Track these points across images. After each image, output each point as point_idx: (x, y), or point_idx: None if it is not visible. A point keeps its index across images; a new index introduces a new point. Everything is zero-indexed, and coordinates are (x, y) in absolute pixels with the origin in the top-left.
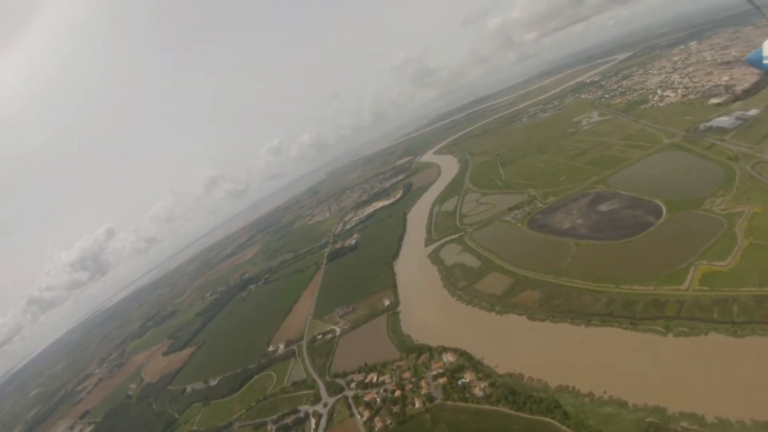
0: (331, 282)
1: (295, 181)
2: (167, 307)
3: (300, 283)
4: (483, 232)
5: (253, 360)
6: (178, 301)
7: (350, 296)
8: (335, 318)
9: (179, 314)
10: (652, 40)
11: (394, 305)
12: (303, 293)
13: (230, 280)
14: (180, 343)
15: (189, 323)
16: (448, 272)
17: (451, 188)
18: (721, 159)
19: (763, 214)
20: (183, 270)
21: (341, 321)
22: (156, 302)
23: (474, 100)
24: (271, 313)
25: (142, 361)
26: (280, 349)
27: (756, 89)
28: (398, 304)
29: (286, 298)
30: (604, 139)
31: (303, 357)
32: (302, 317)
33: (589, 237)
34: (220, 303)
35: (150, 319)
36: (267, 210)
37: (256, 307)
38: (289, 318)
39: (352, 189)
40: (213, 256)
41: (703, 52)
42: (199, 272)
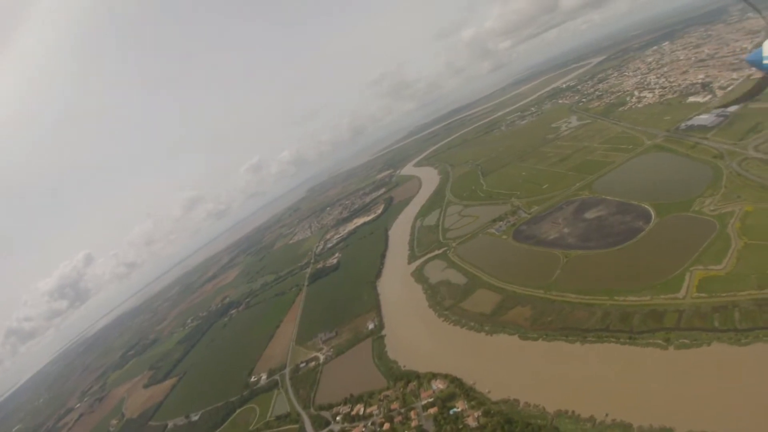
0: (313, 305)
1: (276, 199)
2: (148, 335)
3: (281, 307)
4: (467, 247)
5: (235, 392)
6: (159, 328)
7: (333, 320)
8: (318, 344)
9: (160, 343)
10: (625, 42)
11: (378, 328)
12: (285, 318)
13: (211, 305)
14: (161, 374)
15: (170, 352)
16: (433, 291)
17: (433, 201)
18: (705, 158)
19: (755, 213)
20: (164, 295)
21: (324, 347)
22: (137, 330)
23: (452, 111)
24: (253, 340)
25: (123, 394)
26: (263, 380)
27: (759, 89)
28: (383, 327)
29: (268, 323)
30: (585, 143)
31: (286, 387)
32: (284, 344)
33: (578, 247)
34: (201, 330)
35: (131, 348)
36: (249, 230)
37: (238, 334)
38: (271, 345)
39: (333, 206)
40: (194, 279)
41: (676, 52)
42: (180, 297)
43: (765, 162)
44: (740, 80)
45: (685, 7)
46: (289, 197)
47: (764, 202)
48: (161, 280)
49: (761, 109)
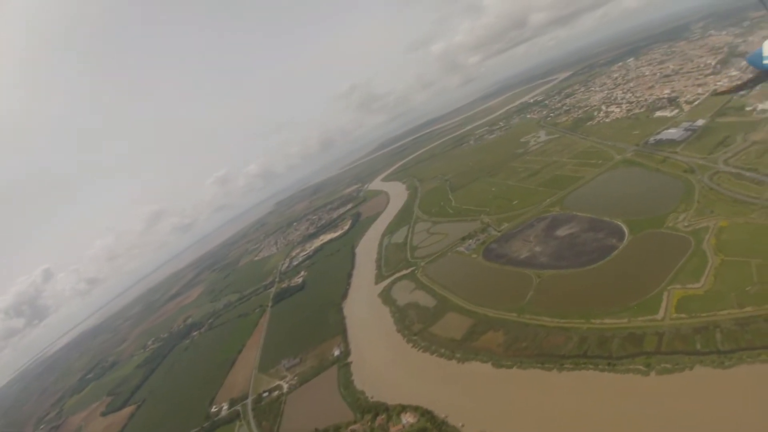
0: (276, 328)
1: (244, 212)
2: (108, 357)
3: (245, 330)
4: (436, 266)
5: (195, 422)
6: (120, 349)
7: (297, 345)
8: (282, 371)
9: (120, 366)
10: (591, 58)
11: (344, 355)
12: (248, 341)
13: (173, 326)
14: (119, 401)
15: (129, 377)
16: (402, 314)
17: (401, 217)
18: (676, 172)
19: (729, 228)
20: (126, 313)
21: (288, 375)
22: (98, 350)
23: (421, 124)
24: (214, 366)
25: (80, 422)
26: (224, 410)
27: (756, 82)
28: (349, 354)
29: (230, 347)
30: (554, 158)
31: (249, 419)
32: (247, 370)
33: (551, 266)
34: (161, 353)
35: (90, 371)
36: (214, 244)
37: (199, 359)
38: (233, 371)
39: (300, 221)
40: (157, 297)
41: (641, 68)
42: (142, 316)
43: (736, 176)
44: (706, 95)
45: (648, 24)
46: (256, 211)
47: (738, 217)
48: (124, 297)
49: (728, 122)
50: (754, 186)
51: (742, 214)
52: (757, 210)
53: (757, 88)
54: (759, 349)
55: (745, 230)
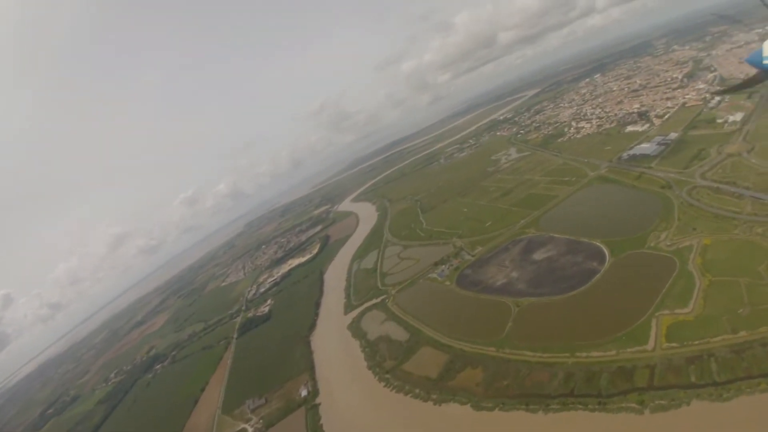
0: (241, 363)
1: (212, 233)
2: (69, 390)
3: (208, 364)
4: (408, 294)
5: None
6: (81, 382)
7: (263, 383)
8: (246, 412)
9: (81, 401)
10: (558, 75)
11: (312, 395)
12: (211, 378)
13: (136, 357)
14: None
15: (90, 414)
16: (372, 349)
17: (370, 241)
18: (653, 188)
19: (714, 246)
20: (90, 341)
21: (253, 417)
22: (60, 382)
23: (391, 143)
24: (176, 405)
25: None
26: None
27: (756, 81)
28: (317, 394)
29: (193, 383)
30: (527, 176)
31: None
32: (210, 411)
33: (529, 293)
34: (123, 388)
35: (51, 405)
36: (182, 267)
37: (161, 397)
38: (196, 412)
39: (269, 244)
40: (121, 324)
41: (609, 83)
42: (105, 345)
43: (714, 190)
44: (676, 108)
45: (612, 42)
46: (225, 232)
47: (721, 233)
48: (89, 323)
49: (701, 135)
50: (734, 200)
51: (725, 230)
52: (740, 225)
53: None
54: (758, 378)
55: (730, 248)
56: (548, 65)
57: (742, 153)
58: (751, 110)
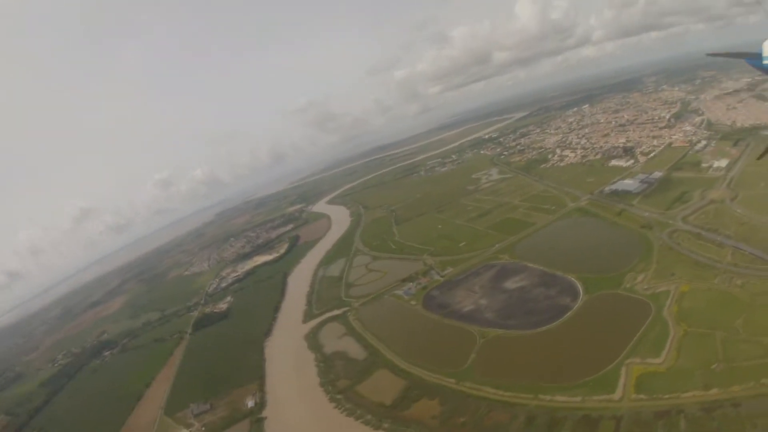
0: (191, 362)
1: (184, 218)
2: (15, 366)
3: (158, 358)
4: (371, 310)
5: None
6: (29, 359)
7: (210, 387)
8: (189, 417)
9: (25, 380)
10: (547, 101)
11: (259, 407)
12: (159, 374)
13: (87, 340)
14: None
15: (32, 396)
16: (327, 364)
17: (340, 247)
18: (633, 227)
19: (691, 294)
20: (43, 316)
21: (196, 423)
22: (6, 356)
23: (374, 148)
24: (120, 399)
25: None
26: None
27: None
28: (264, 406)
29: (140, 377)
30: (506, 199)
31: None
32: (153, 411)
33: (497, 324)
34: (69, 372)
35: None
36: (148, 249)
37: (106, 387)
38: (139, 409)
39: (237, 237)
40: (78, 302)
41: (596, 115)
42: (58, 323)
43: (695, 236)
44: (661, 147)
45: (603, 74)
46: (197, 218)
47: (700, 281)
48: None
49: (685, 177)
50: (715, 248)
51: (704, 278)
52: (720, 275)
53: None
54: None
55: (708, 298)
56: (538, 90)
57: (725, 200)
58: (737, 157)
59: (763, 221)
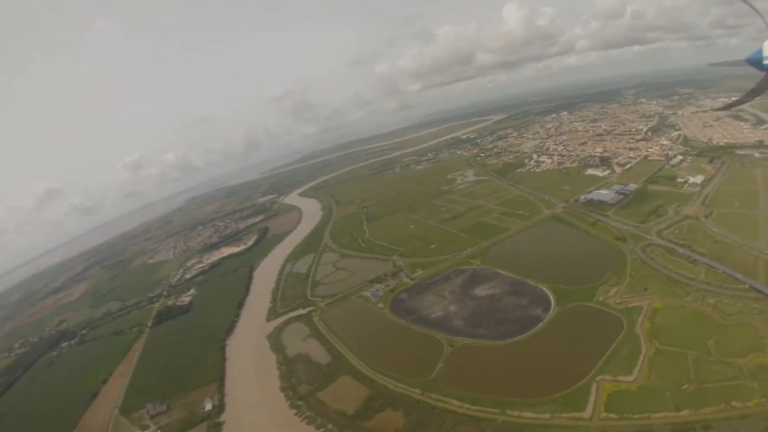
0: (150, 358)
1: (153, 203)
2: None
3: (116, 353)
4: (336, 311)
5: None
6: None
7: (167, 386)
8: (145, 418)
9: None
10: (526, 106)
11: (217, 411)
12: (116, 369)
13: (46, 329)
14: None
15: None
16: (289, 367)
17: (309, 242)
18: (607, 238)
19: (664, 311)
20: (3, 301)
21: (152, 425)
22: None
23: (351, 141)
24: (74, 396)
25: None
26: None
27: (760, 90)
28: (223, 410)
29: (96, 373)
30: (480, 202)
31: None
32: (108, 409)
33: (465, 333)
34: (25, 363)
35: None
36: (114, 234)
37: (61, 381)
38: (93, 407)
39: (206, 225)
40: (39, 287)
41: (574, 123)
42: (17, 308)
43: (669, 251)
44: (638, 159)
45: (583, 83)
46: (166, 204)
47: (673, 298)
48: (7, 279)
49: (660, 191)
50: (689, 265)
51: (677, 295)
52: (693, 293)
53: None
54: None
55: (681, 315)
56: (518, 94)
57: (699, 217)
58: (712, 174)
59: (736, 240)
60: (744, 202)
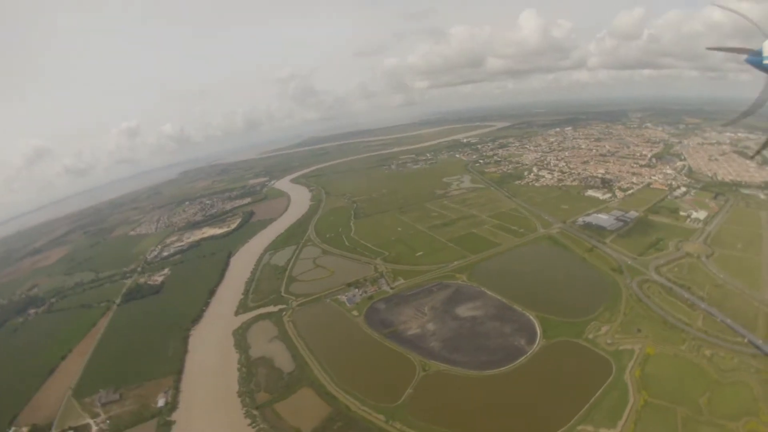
0: (112, 338)
1: (147, 172)
2: None
3: (80, 327)
4: (308, 313)
5: None
6: None
7: (124, 372)
8: (96, 404)
9: None
10: (531, 117)
11: (169, 408)
12: (77, 345)
13: (17, 292)
14: None
15: None
16: (250, 371)
17: (292, 233)
18: (603, 268)
19: (656, 358)
20: None
21: (101, 413)
22: None
23: (351, 132)
24: (33, 369)
25: None
26: None
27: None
28: (175, 408)
29: (57, 347)
30: (474, 211)
31: None
32: (62, 390)
33: (441, 357)
34: None
35: None
36: (102, 200)
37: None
38: (48, 384)
39: (193, 202)
40: (19, 247)
41: (578, 139)
42: None
43: (667, 290)
44: (640, 186)
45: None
46: (159, 174)
47: (667, 345)
48: None
49: (661, 223)
50: (686, 309)
51: (672, 342)
52: (689, 341)
53: None
54: None
55: (674, 366)
56: (524, 104)
57: (701, 256)
58: (716, 211)
59: (737, 286)
60: (747, 246)
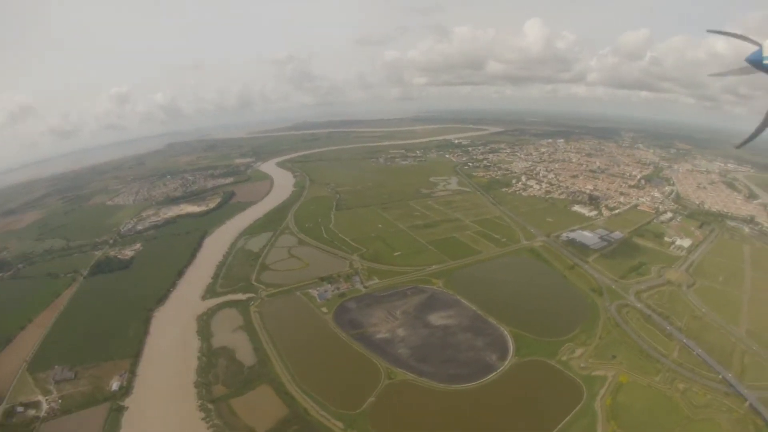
0: (74, 313)
1: (134, 140)
2: None
3: (43, 297)
4: (277, 305)
5: None
6: None
7: (81, 350)
8: (50, 381)
9: None
10: (524, 125)
11: (123, 393)
12: (38, 316)
13: None
14: None
15: None
16: (210, 361)
17: (271, 218)
18: (583, 287)
19: (629, 387)
20: None
21: (54, 391)
22: None
23: (344, 120)
24: None
25: None
26: None
27: None
28: (129, 393)
29: (17, 316)
30: (458, 215)
31: None
32: (17, 362)
33: (408, 366)
34: None
35: None
36: (85, 165)
37: None
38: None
39: (175, 176)
40: None
41: (569, 153)
42: None
43: (645, 317)
44: (627, 207)
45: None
46: (145, 144)
47: (641, 374)
48: None
49: (645, 247)
50: (663, 339)
51: (647, 372)
52: (663, 372)
53: None
54: None
55: (646, 397)
56: (520, 111)
57: (682, 285)
58: (700, 240)
59: (716, 320)
60: (729, 279)
